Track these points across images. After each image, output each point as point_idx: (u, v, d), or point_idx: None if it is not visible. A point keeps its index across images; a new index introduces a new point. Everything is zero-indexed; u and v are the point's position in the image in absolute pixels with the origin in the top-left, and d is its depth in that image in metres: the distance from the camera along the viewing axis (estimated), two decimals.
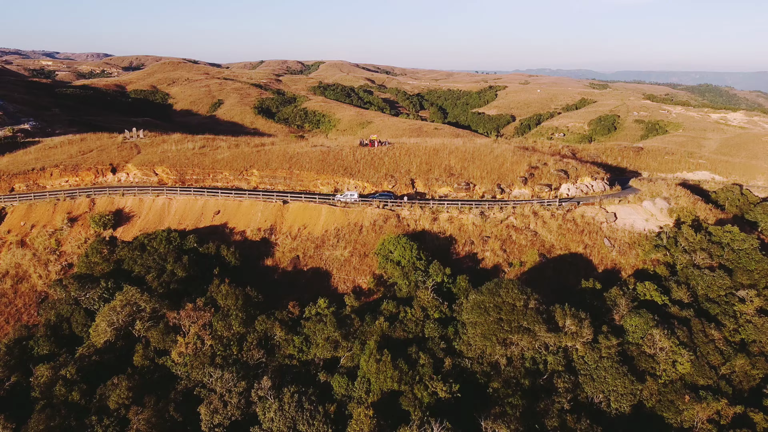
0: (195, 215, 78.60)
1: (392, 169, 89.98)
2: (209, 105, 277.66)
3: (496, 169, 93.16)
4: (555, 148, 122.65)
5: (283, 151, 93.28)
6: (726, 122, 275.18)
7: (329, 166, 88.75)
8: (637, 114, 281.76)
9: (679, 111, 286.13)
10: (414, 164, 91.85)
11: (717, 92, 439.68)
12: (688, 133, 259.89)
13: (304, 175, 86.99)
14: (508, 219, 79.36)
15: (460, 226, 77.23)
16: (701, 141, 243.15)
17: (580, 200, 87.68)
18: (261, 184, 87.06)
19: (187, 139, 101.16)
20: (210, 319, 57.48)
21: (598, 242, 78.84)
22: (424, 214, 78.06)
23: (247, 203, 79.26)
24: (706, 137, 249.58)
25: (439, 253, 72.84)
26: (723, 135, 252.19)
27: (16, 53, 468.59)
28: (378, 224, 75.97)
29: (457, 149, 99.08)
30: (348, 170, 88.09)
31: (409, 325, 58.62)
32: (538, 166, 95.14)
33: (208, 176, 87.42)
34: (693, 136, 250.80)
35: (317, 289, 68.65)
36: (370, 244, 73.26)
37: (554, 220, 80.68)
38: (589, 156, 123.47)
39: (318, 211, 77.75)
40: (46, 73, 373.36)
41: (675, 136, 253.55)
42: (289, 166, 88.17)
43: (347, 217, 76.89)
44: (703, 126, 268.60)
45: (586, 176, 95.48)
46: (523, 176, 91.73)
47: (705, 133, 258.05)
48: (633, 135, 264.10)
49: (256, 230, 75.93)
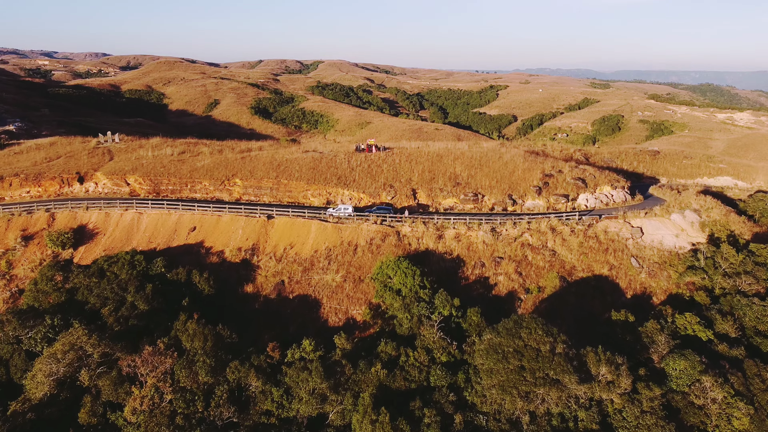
0: (167, 232, 67.76)
1: (391, 177, 79.14)
2: (205, 105, 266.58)
3: (506, 177, 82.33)
4: (567, 152, 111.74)
5: (270, 157, 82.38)
6: (732, 122, 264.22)
7: (321, 174, 77.88)
8: (642, 114, 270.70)
9: (684, 111, 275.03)
10: (416, 172, 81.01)
11: (719, 92, 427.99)
12: (695, 133, 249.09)
13: (292, 186, 76.11)
14: (523, 236, 68.54)
15: (469, 245, 66.42)
16: (708, 142, 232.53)
17: (601, 213, 76.83)
18: (245, 195, 76.19)
19: (166, 143, 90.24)
20: (172, 365, 46.78)
21: (625, 262, 68.07)
22: (428, 231, 67.27)
23: (227, 219, 68.42)
24: (713, 138, 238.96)
25: (445, 277, 62.09)
26: (730, 135, 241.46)
27: (14, 53, 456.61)
28: (375, 243, 65.19)
29: (463, 155, 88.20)
30: (342, 179, 77.24)
31: (412, 372, 47.87)
32: (553, 174, 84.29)
33: (185, 186, 76.56)
34: (699, 137, 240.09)
35: (304, 321, 57.91)
36: (366, 267, 62.48)
37: (574, 237, 69.90)
38: (602, 160, 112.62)
39: (307, 227, 66.92)
40: (42, 72, 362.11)
41: (681, 137, 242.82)
42: (276, 174, 77.27)
43: (340, 235, 66.09)
44: (710, 126, 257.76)
45: (606, 185, 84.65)
46: (537, 185, 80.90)
47: (712, 134, 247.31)
48: (638, 135, 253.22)
49: (235, 250, 65.09)
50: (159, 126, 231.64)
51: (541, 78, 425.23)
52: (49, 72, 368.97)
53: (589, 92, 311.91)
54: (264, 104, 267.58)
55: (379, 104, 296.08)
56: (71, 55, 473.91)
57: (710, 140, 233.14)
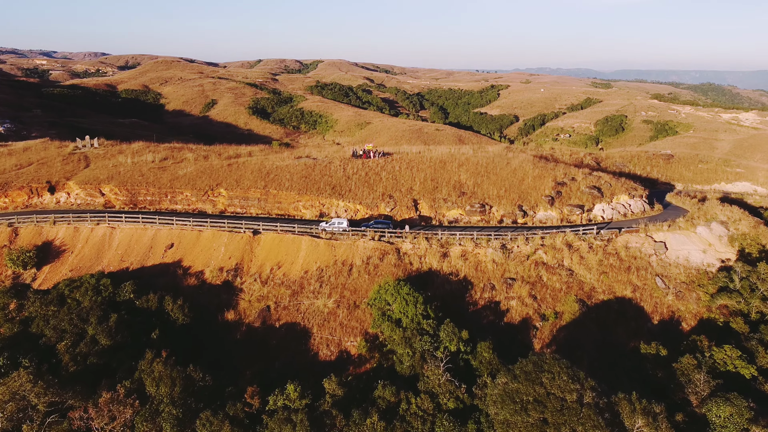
0: (142, 250, 60.13)
1: (391, 187, 71.47)
2: (202, 105, 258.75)
3: (515, 185, 74.66)
4: (577, 156, 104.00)
5: (259, 164, 74.69)
6: (738, 122, 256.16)
7: (314, 183, 70.21)
8: (645, 114, 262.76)
9: (688, 111, 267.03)
10: (417, 180, 73.33)
11: (720, 91, 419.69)
12: (699, 134, 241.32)
13: (282, 196, 68.41)
14: (536, 254, 60.86)
15: (477, 264, 58.76)
16: (713, 142, 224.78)
17: (620, 226, 69.15)
18: (230, 206, 68.53)
19: (148, 148, 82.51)
20: (133, 416, 39.25)
21: (649, 282, 60.43)
22: (431, 249, 59.62)
23: (208, 235, 60.77)
24: (718, 138, 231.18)
25: (451, 301, 54.48)
26: (736, 136, 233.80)
27: (13, 52, 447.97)
28: (373, 263, 57.54)
29: (468, 161, 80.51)
30: (337, 189, 69.55)
31: (414, 423, 40.29)
32: (566, 182, 76.62)
33: (165, 197, 68.90)
34: (705, 137, 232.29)
35: (291, 355, 50.32)
36: (362, 291, 54.86)
37: (593, 253, 62.26)
38: (614, 165, 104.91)
39: (296, 245, 59.27)
40: (39, 72, 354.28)
41: (686, 137, 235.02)
42: (264, 184, 69.59)
43: (333, 253, 58.45)
44: (715, 127, 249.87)
45: (623, 193, 76.99)
46: (549, 195, 73.23)
47: (717, 134, 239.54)
48: (642, 136, 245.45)
49: (217, 271, 57.44)
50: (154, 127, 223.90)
51: (542, 77, 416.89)
52: (47, 72, 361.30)
53: (592, 92, 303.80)
54: (262, 104, 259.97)
55: (379, 104, 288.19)
56: (70, 55, 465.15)
57: (716, 141, 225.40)
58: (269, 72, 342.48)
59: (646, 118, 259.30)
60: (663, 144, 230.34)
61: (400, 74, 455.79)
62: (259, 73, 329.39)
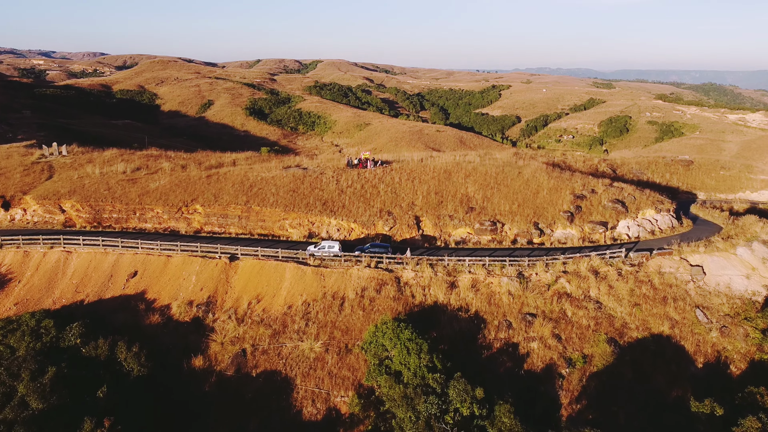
0: (101, 278, 50.85)
1: (390, 202, 62.12)
2: (198, 106, 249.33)
3: (529, 199, 65.35)
4: (590, 163, 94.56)
5: (242, 176, 65.35)
6: (745, 123, 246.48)
7: (303, 198, 60.87)
8: (650, 115, 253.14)
9: (693, 111, 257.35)
10: (419, 194, 64.01)
11: (721, 91, 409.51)
12: (706, 135, 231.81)
13: (266, 213, 59.07)
14: (558, 282, 51.55)
15: (490, 297, 49.46)
16: (721, 144, 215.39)
17: (650, 247, 59.78)
18: (206, 225, 59.20)
19: (122, 157, 73.16)
20: None
21: (689, 316, 51.13)
22: (437, 278, 50.32)
23: (178, 261, 51.43)
24: (726, 140, 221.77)
25: (460, 343, 45.23)
26: (743, 137, 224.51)
27: (11, 52, 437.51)
28: (368, 295, 48.26)
29: (476, 170, 71.18)
30: (328, 205, 60.22)
31: None
32: (585, 195, 67.30)
33: (133, 214, 59.56)
34: (712, 139, 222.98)
35: (270, 412, 41.06)
36: (356, 330, 45.61)
37: (623, 281, 52.95)
38: (631, 172, 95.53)
39: (279, 273, 49.94)
40: (36, 72, 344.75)
41: (692, 139, 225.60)
42: (246, 199, 60.24)
43: (322, 284, 49.14)
44: (721, 128, 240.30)
45: (648, 207, 67.65)
46: (568, 210, 63.90)
47: (724, 136, 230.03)
48: (647, 137, 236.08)
49: (185, 305, 48.17)
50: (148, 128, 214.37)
51: (543, 77, 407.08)
52: (44, 72, 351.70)
53: (594, 92, 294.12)
54: (259, 105, 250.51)
55: (379, 105, 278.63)
56: (69, 55, 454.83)
57: (723, 142, 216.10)
58: (267, 72, 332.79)
59: (651, 119, 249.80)
60: (669, 146, 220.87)
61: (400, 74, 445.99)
62: (257, 73, 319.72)
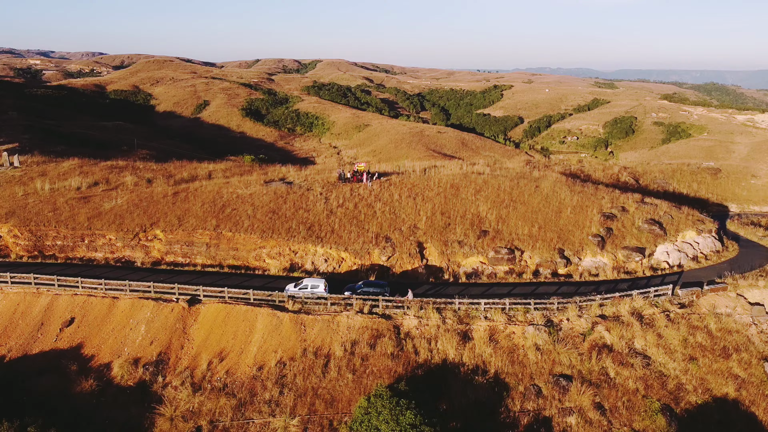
0: (29, 327, 40.11)
1: (388, 224, 51.32)
2: (194, 106, 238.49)
3: (551, 219, 54.58)
4: (610, 172, 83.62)
5: (215, 192, 54.54)
6: (754, 124, 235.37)
7: (284, 221, 50.10)
8: (656, 116, 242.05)
9: (700, 112, 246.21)
10: (423, 214, 53.23)
11: (724, 91, 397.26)
12: (714, 136, 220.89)
13: (240, 240, 48.28)
14: (595, 331, 40.82)
15: (512, 351, 38.74)
16: (730, 146, 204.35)
17: (698, 279, 49.01)
18: (168, 255, 48.40)
19: (80, 168, 62.34)
20: None
21: (756, 372, 40.39)
22: (445, 326, 39.58)
23: (125, 305, 40.70)
24: (735, 141, 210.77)
25: (476, 419, 34.56)
26: (753, 139, 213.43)
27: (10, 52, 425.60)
28: (360, 351, 37.56)
29: (487, 184, 60.35)
30: (315, 230, 49.43)
31: None
32: (615, 215, 56.49)
33: (81, 241, 48.80)
34: (720, 140, 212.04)
35: None
36: (343, 400, 34.90)
37: (673, 328, 42.22)
38: (655, 182, 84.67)
39: (250, 321, 39.21)
40: (32, 72, 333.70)
41: (700, 140, 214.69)
42: (216, 223, 49.46)
43: (302, 336, 38.44)
44: (730, 129, 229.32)
45: (689, 228, 56.84)
46: (597, 234, 53.11)
47: (733, 137, 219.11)
48: (653, 139, 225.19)
49: (130, 365, 37.45)
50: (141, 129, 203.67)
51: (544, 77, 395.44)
52: (40, 71, 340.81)
53: (598, 92, 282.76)
54: (256, 105, 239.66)
55: (378, 105, 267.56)
56: (68, 55, 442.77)
57: (732, 144, 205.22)
58: (265, 72, 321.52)
59: (657, 119, 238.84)
60: (676, 147, 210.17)
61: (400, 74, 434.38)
62: (255, 73, 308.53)
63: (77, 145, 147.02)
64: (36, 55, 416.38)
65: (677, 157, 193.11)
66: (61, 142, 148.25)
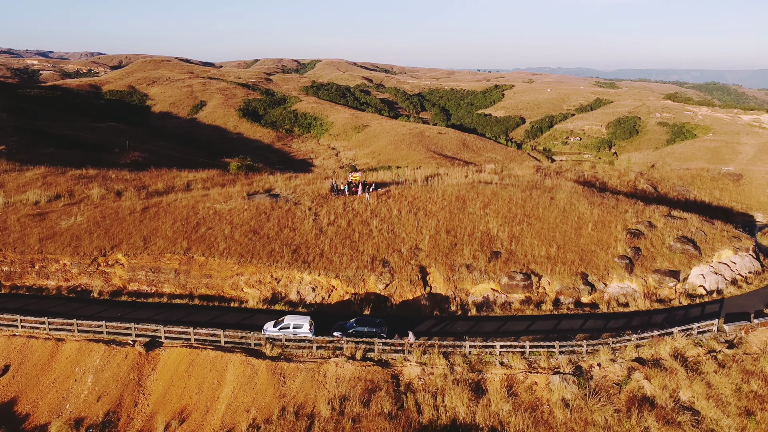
0: None
1: (386, 245, 44.15)
2: (190, 107, 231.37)
3: (570, 238, 47.40)
4: (626, 179, 76.37)
5: (190, 207, 47.38)
6: (760, 125, 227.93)
7: (266, 243, 42.95)
8: (660, 116, 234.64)
9: (705, 112, 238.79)
10: (425, 233, 46.07)
11: (725, 90, 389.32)
12: (720, 137, 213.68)
13: (214, 266, 41.08)
14: (633, 379, 33.64)
15: (534, 408, 31.63)
16: (736, 146, 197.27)
17: (743, 308, 41.84)
18: (131, 282, 41.20)
19: (44, 179, 55.13)
20: None
21: None
22: (454, 375, 32.48)
23: (71, 350, 33.57)
24: (741, 142, 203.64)
25: None
26: (759, 139, 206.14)
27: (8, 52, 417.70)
28: (350, 411, 30.41)
29: (496, 196, 53.16)
30: (301, 253, 42.26)
31: None
32: (641, 231, 49.31)
33: (31, 267, 41.60)
34: (727, 141, 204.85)
35: None
36: None
37: (723, 374, 35.04)
38: (674, 189, 77.46)
39: (219, 371, 32.08)
40: (29, 72, 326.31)
41: (706, 141, 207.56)
42: (188, 245, 42.27)
43: (281, 390, 31.30)
44: (736, 129, 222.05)
45: (725, 247, 49.61)
46: (624, 255, 45.93)
47: (739, 137, 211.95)
48: (657, 139, 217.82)
49: (71, 427, 30.34)
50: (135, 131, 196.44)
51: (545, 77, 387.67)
52: (37, 72, 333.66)
53: (601, 92, 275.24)
54: (254, 106, 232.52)
55: (378, 105, 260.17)
56: (67, 55, 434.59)
57: (738, 144, 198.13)
58: (263, 72, 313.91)
59: (661, 119, 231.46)
60: (682, 148, 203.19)
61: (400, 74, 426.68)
62: (253, 73, 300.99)
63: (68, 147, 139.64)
64: (35, 56, 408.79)
65: (683, 158, 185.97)
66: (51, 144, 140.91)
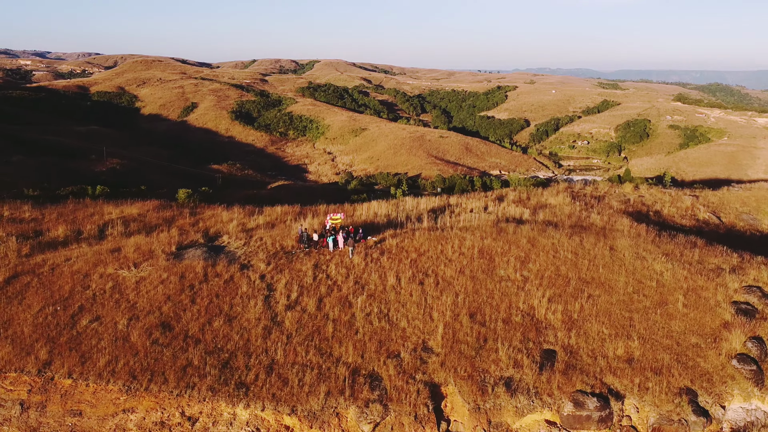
0: None
1: (376, 346, 26.74)
2: (181, 109, 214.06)
3: (656, 321, 29.91)
4: (682, 206, 58.91)
5: (80, 276, 30.00)
6: None
7: (180, 349, 25.53)
8: (671, 118, 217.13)
9: (718, 115, 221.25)
10: (438, 318, 28.63)
11: (728, 91, 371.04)
12: (736, 141, 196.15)
13: (86, 395, 23.62)
14: None
15: None
16: (753, 151, 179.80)
17: None
18: None
19: None
20: None
21: None
22: None
23: None
24: (758, 146, 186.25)
25: None
26: None
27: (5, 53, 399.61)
28: None
29: (534, 246, 35.80)
30: (235, 366, 24.74)
31: None
32: (754, 307, 31.92)
33: None
34: (743, 145, 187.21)
35: None
36: None
37: None
38: (739, 217, 60.05)
39: None
40: (22, 73, 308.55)
41: (722, 145, 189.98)
42: (50, 354, 24.86)
43: None
44: (752, 133, 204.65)
45: None
46: (744, 354, 28.58)
47: (755, 141, 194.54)
48: (670, 143, 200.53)
49: None
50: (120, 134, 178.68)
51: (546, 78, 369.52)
52: (30, 72, 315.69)
53: (607, 93, 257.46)
54: (247, 108, 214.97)
55: (377, 107, 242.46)
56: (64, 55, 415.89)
57: (756, 149, 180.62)
58: (260, 72, 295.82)
59: (672, 122, 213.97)
60: (696, 153, 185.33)
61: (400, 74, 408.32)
62: (248, 73, 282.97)
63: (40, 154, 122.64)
64: (32, 56, 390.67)
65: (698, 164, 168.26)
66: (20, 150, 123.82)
